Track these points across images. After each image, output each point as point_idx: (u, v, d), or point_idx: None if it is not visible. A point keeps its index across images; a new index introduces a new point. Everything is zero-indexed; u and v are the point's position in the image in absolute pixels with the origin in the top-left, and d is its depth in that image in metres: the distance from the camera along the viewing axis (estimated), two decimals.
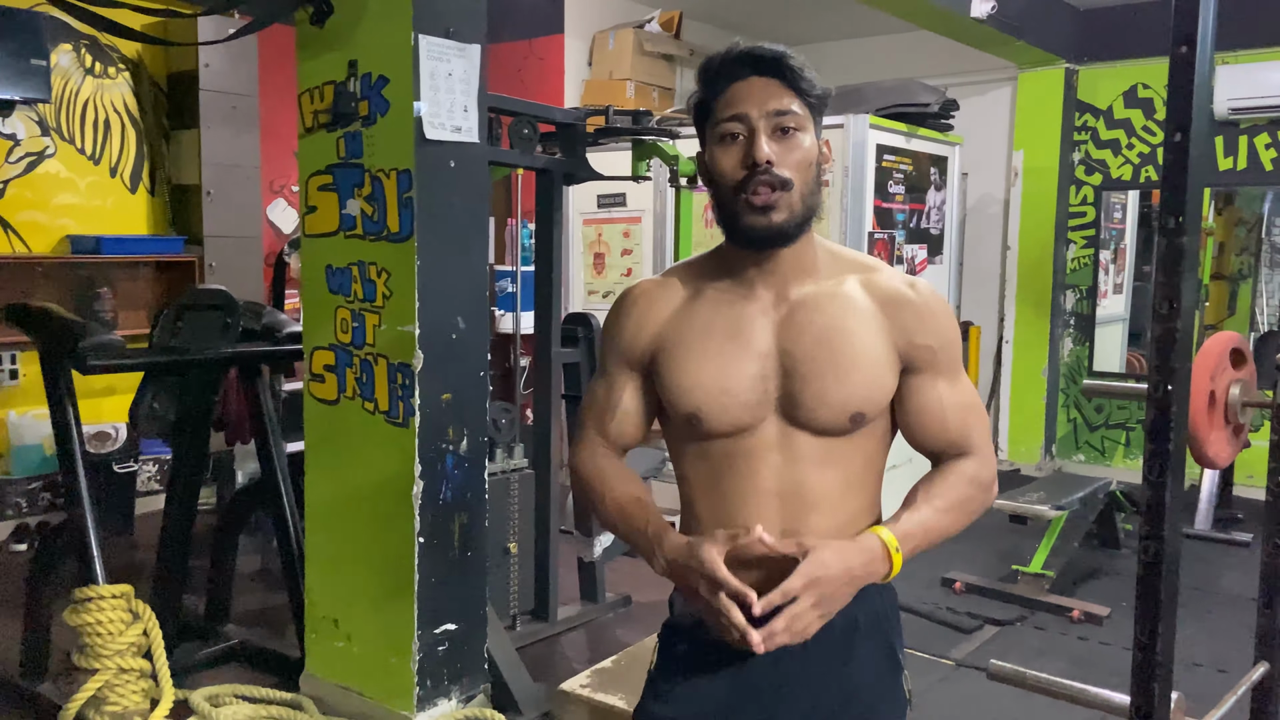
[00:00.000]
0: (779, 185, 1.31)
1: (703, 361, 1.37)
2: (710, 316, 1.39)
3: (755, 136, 1.32)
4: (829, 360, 1.34)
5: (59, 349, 2.93)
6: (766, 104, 1.32)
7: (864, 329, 1.36)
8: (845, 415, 1.35)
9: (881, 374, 1.37)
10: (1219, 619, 3.96)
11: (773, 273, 1.38)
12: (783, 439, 1.36)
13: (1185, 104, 1.38)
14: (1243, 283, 6.19)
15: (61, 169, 4.91)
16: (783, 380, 1.35)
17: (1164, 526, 1.42)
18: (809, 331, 1.35)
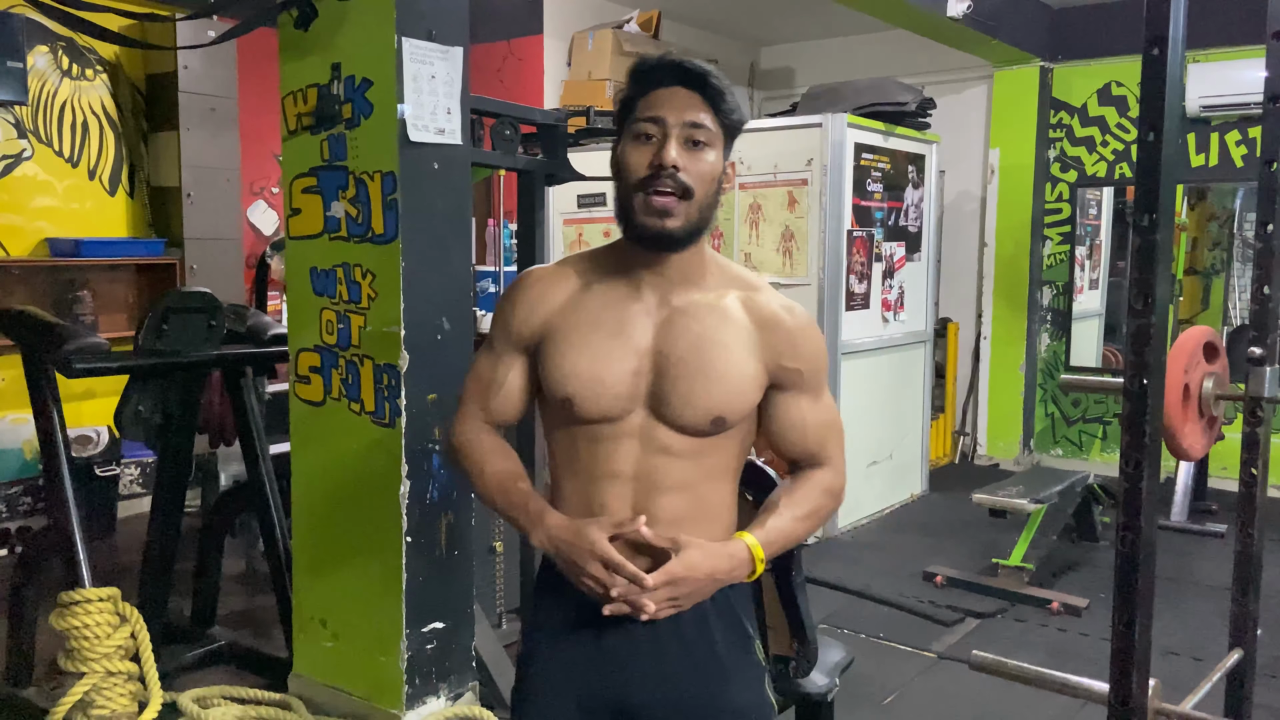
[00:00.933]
0: (680, 192, 1.39)
1: (583, 351, 1.46)
2: (598, 310, 1.48)
3: (667, 141, 1.40)
4: (699, 367, 1.43)
5: (43, 352, 2.93)
6: (684, 114, 1.40)
7: (737, 343, 1.46)
8: (707, 419, 1.44)
9: (746, 387, 1.47)
10: (1195, 608, 4.03)
11: (661, 275, 1.47)
12: (645, 430, 1.45)
13: (1158, 104, 1.41)
14: (1216, 277, 6.29)
15: (39, 171, 4.88)
16: (654, 378, 1.45)
17: (1140, 518, 1.46)
18: (685, 338, 1.45)
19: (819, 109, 5.10)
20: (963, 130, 6.59)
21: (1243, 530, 2.16)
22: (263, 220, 5.81)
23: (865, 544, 4.99)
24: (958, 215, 6.85)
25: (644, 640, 1.47)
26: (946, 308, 6.79)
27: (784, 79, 7.55)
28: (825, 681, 2.19)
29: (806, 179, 4.97)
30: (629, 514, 1.45)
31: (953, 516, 5.33)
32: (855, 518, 5.25)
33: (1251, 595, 2.17)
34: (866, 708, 3.17)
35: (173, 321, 3.08)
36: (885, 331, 5.42)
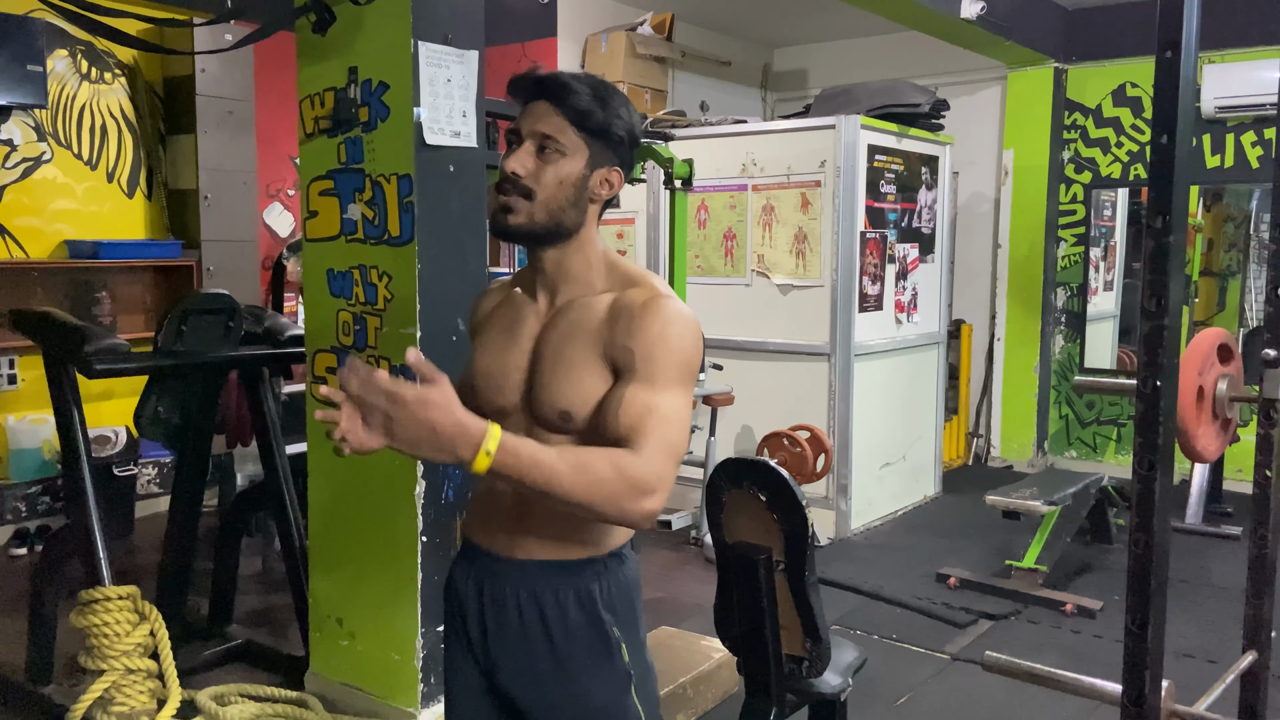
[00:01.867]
0: (521, 193, 1.49)
1: (485, 348, 1.59)
2: (506, 313, 1.61)
3: (516, 150, 1.51)
4: (555, 362, 1.50)
5: (64, 353, 2.96)
6: (536, 125, 1.50)
7: (586, 337, 1.49)
8: (555, 411, 1.49)
9: (585, 378, 1.47)
10: (1209, 611, 4.02)
11: (545, 275, 1.56)
12: (528, 428, 1.51)
13: (1171, 107, 1.42)
14: (1232, 279, 6.26)
15: (58, 174, 4.93)
16: (530, 375, 1.53)
17: (1153, 519, 1.46)
18: (553, 335, 1.53)
19: (832, 110, 5.11)
20: (976, 132, 6.58)
21: (1257, 532, 2.16)
22: (279, 222, 5.85)
23: (878, 545, 4.99)
24: (971, 217, 6.84)
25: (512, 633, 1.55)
26: (960, 309, 6.78)
27: (797, 80, 7.55)
28: (838, 681, 2.20)
29: (820, 180, 4.97)
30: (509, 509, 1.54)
31: (966, 518, 5.32)
32: (868, 519, 5.26)
33: (1266, 597, 2.17)
34: (879, 708, 3.18)
35: (191, 323, 3.12)
36: (898, 333, 5.42)
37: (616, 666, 1.55)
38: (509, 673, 1.56)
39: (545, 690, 1.54)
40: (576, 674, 1.53)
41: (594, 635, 1.53)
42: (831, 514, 5.03)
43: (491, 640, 1.56)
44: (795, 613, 2.08)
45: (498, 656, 1.56)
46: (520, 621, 1.54)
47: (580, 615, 1.53)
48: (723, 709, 3.11)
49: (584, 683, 1.53)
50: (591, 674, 1.53)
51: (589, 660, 1.53)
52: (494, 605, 1.56)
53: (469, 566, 1.60)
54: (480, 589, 1.57)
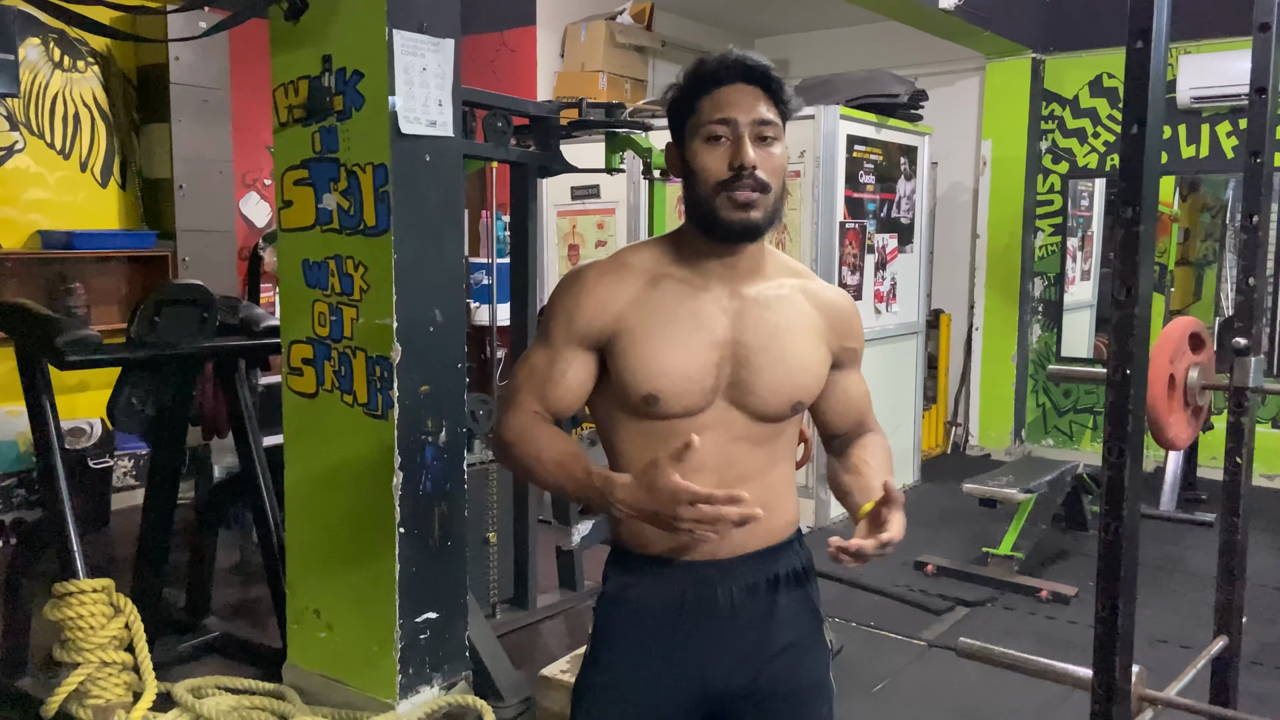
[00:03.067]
0: (760, 188, 1.43)
1: (667, 347, 1.45)
2: (673, 305, 1.48)
3: (742, 141, 1.42)
4: (780, 355, 1.48)
5: (36, 345, 2.93)
6: (753, 112, 1.43)
7: (808, 330, 1.53)
8: (789, 405, 1.50)
9: (820, 370, 1.55)
10: (1183, 597, 4.06)
11: (731, 268, 1.50)
12: (723, 421, 1.48)
13: (1141, 96, 1.43)
14: (1208, 268, 6.31)
15: (31, 164, 4.87)
16: (734, 368, 1.47)
17: (1123, 506, 1.48)
18: (763, 327, 1.49)
19: (812, 101, 5.11)
20: (955, 122, 6.60)
21: (1227, 519, 2.19)
22: (255, 212, 5.81)
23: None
24: (950, 207, 6.86)
25: (725, 625, 1.50)
26: (939, 299, 6.81)
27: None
28: None
29: (799, 171, 4.98)
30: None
31: (944, 506, 5.35)
32: None
33: (1237, 583, 2.20)
34: (857, 695, 3.20)
35: (165, 314, 3.09)
36: (878, 323, 5.44)
37: (822, 644, 1.58)
38: (722, 667, 1.50)
39: (763, 676, 1.51)
40: (792, 654, 1.53)
41: (807, 611, 1.56)
42: (811, 503, 5.05)
43: (693, 647, 1.49)
44: None
45: (705, 658, 1.49)
46: (732, 612, 1.49)
47: (793, 593, 1.54)
48: None
49: (800, 663, 1.53)
50: (808, 649, 1.55)
51: (804, 636, 1.55)
52: (700, 611, 1.49)
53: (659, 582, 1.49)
54: (680, 602, 1.49)
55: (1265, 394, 2.15)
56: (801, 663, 1.53)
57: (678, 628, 1.49)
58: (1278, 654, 3.52)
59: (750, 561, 1.51)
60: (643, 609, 1.51)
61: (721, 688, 1.51)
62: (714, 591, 1.49)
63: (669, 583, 1.49)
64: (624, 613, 1.54)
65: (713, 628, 1.49)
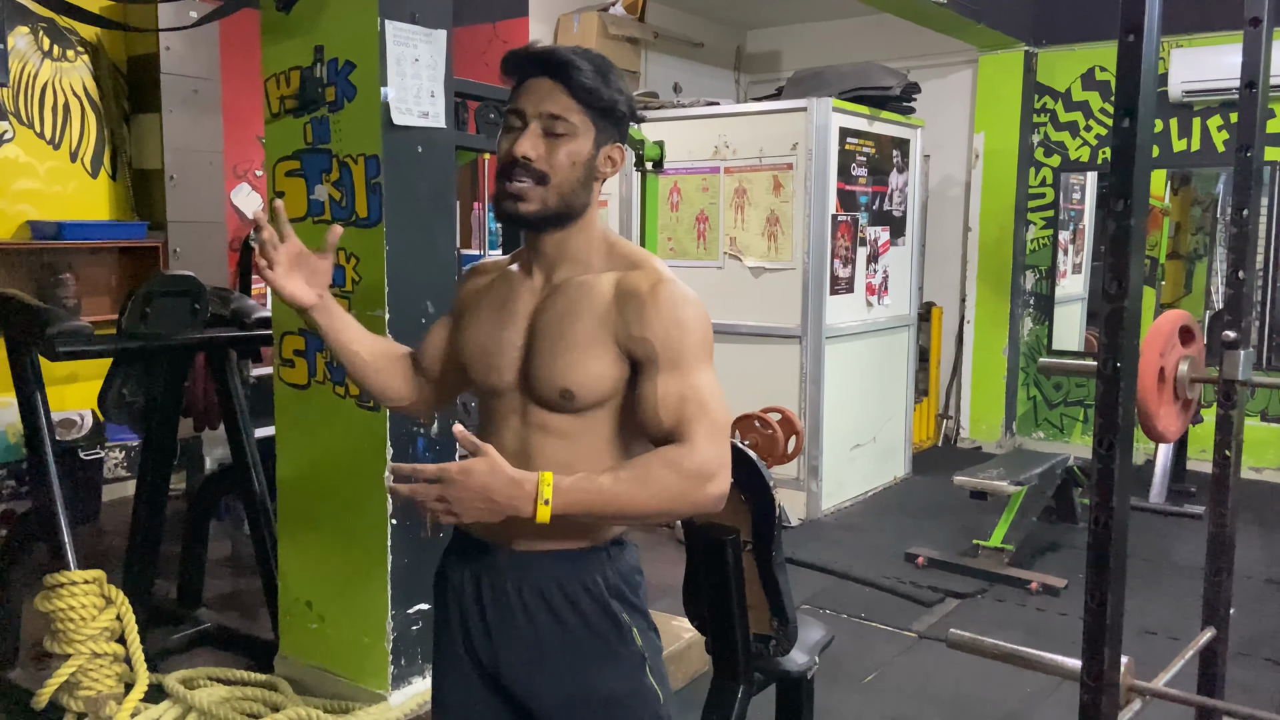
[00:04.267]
0: (534, 179, 1.45)
1: (478, 324, 1.58)
2: (500, 290, 1.59)
3: (524, 132, 1.46)
4: (553, 340, 1.48)
5: (26, 336, 2.92)
6: (542, 105, 1.45)
7: (590, 317, 1.46)
8: (555, 390, 1.47)
9: (589, 360, 1.45)
10: (1172, 589, 4.08)
11: (543, 255, 1.54)
12: (522, 406, 1.52)
13: (1133, 89, 1.43)
14: (1199, 262, 6.34)
15: (20, 153, 4.84)
16: (525, 354, 1.52)
17: (1113, 498, 1.48)
18: (550, 313, 1.51)
19: (804, 93, 5.11)
20: (947, 115, 6.60)
21: (1216, 511, 2.20)
22: (246, 203, 5.78)
23: (848, 526, 5.03)
24: (942, 200, 6.87)
25: (517, 627, 1.51)
26: (930, 292, 6.82)
27: (770, 63, 7.55)
28: (805, 660, 2.22)
29: (791, 163, 4.98)
30: None
31: (935, 498, 5.38)
32: (838, 500, 5.30)
33: (1225, 575, 2.21)
34: (847, 686, 3.22)
35: (156, 305, 3.08)
36: (869, 315, 5.45)
37: (631, 651, 1.53)
38: (514, 668, 1.52)
39: (557, 683, 1.51)
40: (589, 663, 1.50)
41: (605, 623, 1.51)
42: (802, 495, 5.07)
43: (495, 635, 1.52)
44: (762, 592, 2.10)
45: (501, 652, 1.52)
46: (525, 614, 1.50)
47: (589, 604, 1.50)
48: (692, 688, 3.13)
49: (598, 671, 1.51)
50: (605, 661, 1.51)
51: (602, 647, 1.51)
52: (495, 599, 1.51)
53: (464, 560, 1.56)
54: (478, 582, 1.53)
55: (1254, 387, 2.17)
56: (609, 673, 1.51)
57: (477, 610, 1.54)
58: (1265, 645, 3.54)
59: (542, 560, 1.49)
60: (451, 585, 1.58)
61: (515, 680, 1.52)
62: (504, 582, 1.51)
63: (469, 560, 1.56)
64: (440, 587, 1.63)
65: (508, 620, 1.51)
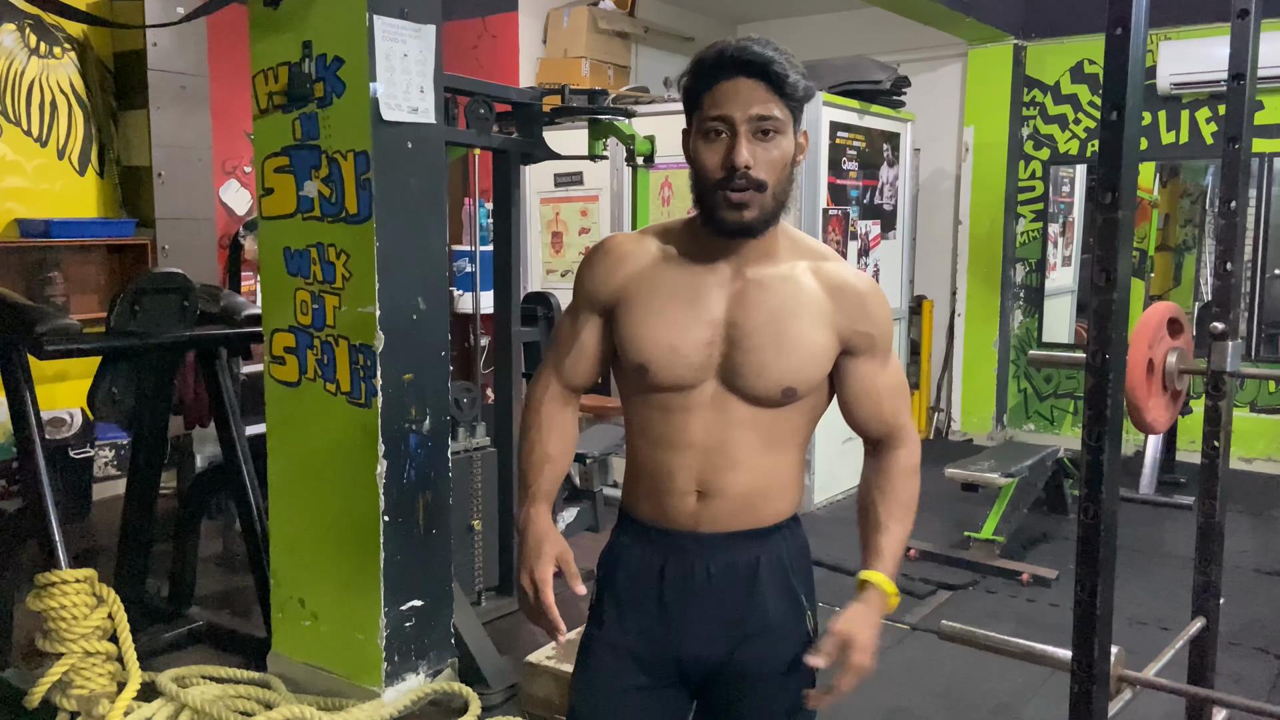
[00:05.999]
0: (755, 187, 1.42)
1: (659, 319, 1.49)
2: (674, 280, 1.51)
3: (737, 139, 1.41)
4: (772, 337, 1.47)
5: (15, 334, 2.91)
6: (750, 108, 1.41)
7: (809, 313, 1.49)
8: (779, 389, 1.48)
9: (818, 356, 1.50)
10: (1162, 579, 4.10)
11: (736, 252, 1.50)
12: (717, 400, 1.49)
13: (1121, 83, 1.44)
14: (1188, 254, 6.36)
15: (8, 151, 4.82)
16: (727, 349, 1.48)
17: (1102, 489, 1.49)
18: (760, 309, 1.48)
19: None
20: (937, 108, 6.61)
21: (1205, 501, 2.21)
22: (235, 200, 5.76)
23: (841, 519, 5.04)
24: (933, 193, 6.88)
25: (702, 597, 1.53)
26: (921, 285, 6.84)
27: None
28: None
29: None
30: (693, 486, 1.51)
31: (926, 491, 5.29)
32: (831, 494, 5.31)
33: (1214, 565, 2.23)
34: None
35: (145, 303, 3.07)
36: None
37: (802, 629, 1.57)
38: (698, 637, 1.53)
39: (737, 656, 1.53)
40: (773, 634, 1.54)
41: (785, 597, 1.56)
42: None
43: (674, 616, 1.53)
44: None
45: (683, 626, 1.53)
46: (709, 586, 1.52)
47: (771, 578, 1.54)
48: None
49: (779, 643, 1.55)
50: (786, 635, 1.55)
51: (783, 621, 1.55)
52: (677, 580, 1.53)
53: (645, 546, 1.55)
54: (662, 568, 1.53)
55: (1243, 378, 2.18)
56: (777, 647, 1.55)
57: (659, 590, 1.54)
58: (1255, 634, 3.57)
59: (729, 540, 1.52)
60: (630, 568, 1.57)
61: (697, 657, 1.54)
62: (691, 563, 1.52)
63: (653, 547, 1.54)
64: (615, 569, 1.60)
65: (689, 597, 1.53)
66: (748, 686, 1.55)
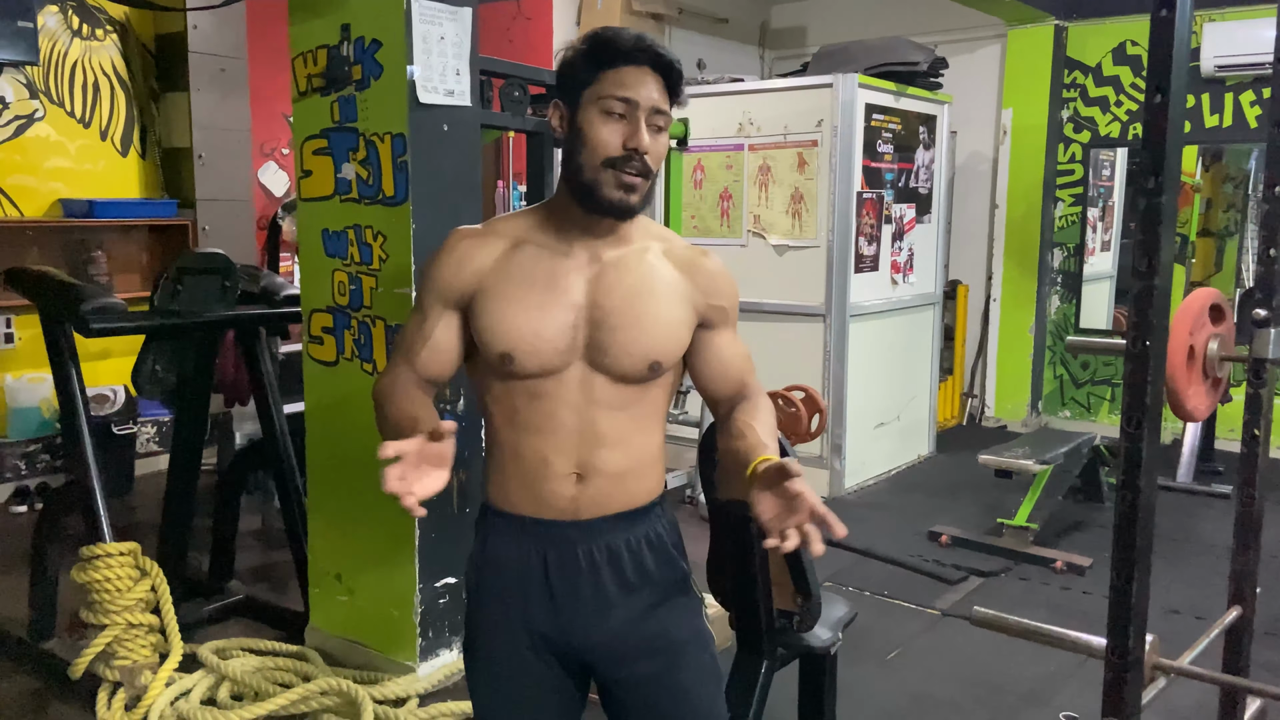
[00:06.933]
0: (644, 173, 1.48)
1: (519, 307, 1.50)
2: (531, 267, 1.53)
3: (639, 124, 1.46)
4: (635, 315, 1.51)
5: (61, 312, 2.96)
6: (653, 99, 1.47)
7: (666, 290, 1.55)
8: (645, 364, 1.52)
9: (678, 330, 1.56)
10: (1198, 568, 4.07)
11: (592, 236, 1.53)
12: (583, 383, 1.51)
13: (1165, 64, 1.42)
14: (1230, 239, 6.25)
15: (51, 132, 4.90)
16: (591, 330, 1.50)
17: (1140, 476, 1.48)
18: (618, 289, 1.52)
19: (830, 69, 5.07)
20: (975, 90, 6.53)
21: (1244, 490, 2.19)
22: (274, 181, 5.82)
23: (871, 504, 5.04)
24: (969, 176, 6.81)
25: (590, 582, 1.54)
26: (956, 270, 6.78)
27: (795, 38, 7.49)
28: (828, 636, 2.23)
29: (816, 140, 4.95)
30: (571, 468, 1.52)
31: (959, 477, 5.36)
32: (862, 478, 5.30)
33: (1251, 554, 2.21)
34: (869, 662, 3.23)
35: (187, 282, 3.12)
36: (894, 294, 5.43)
37: (691, 597, 1.62)
38: (585, 632, 1.54)
39: (632, 635, 1.55)
40: (660, 612, 1.57)
41: (670, 572, 1.59)
42: (825, 473, 5.07)
43: (560, 600, 1.54)
44: (786, 569, 2.11)
45: (570, 621, 1.54)
46: (594, 578, 1.53)
47: (654, 556, 1.57)
48: None
49: (669, 618, 1.57)
50: (673, 608, 1.58)
51: (670, 596, 1.58)
52: (561, 570, 1.53)
53: (522, 539, 1.55)
54: (544, 558, 1.54)
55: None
56: (671, 619, 1.58)
57: (540, 582, 1.54)
58: None
59: (609, 523, 1.54)
60: (506, 565, 1.56)
61: (590, 642, 1.55)
62: (574, 551, 1.53)
63: (531, 540, 1.54)
64: (490, 569, 1.59)
65: (574, 585, 1.54)
66: (653, 660, 1.57)
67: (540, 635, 1.56)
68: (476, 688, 1.63)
